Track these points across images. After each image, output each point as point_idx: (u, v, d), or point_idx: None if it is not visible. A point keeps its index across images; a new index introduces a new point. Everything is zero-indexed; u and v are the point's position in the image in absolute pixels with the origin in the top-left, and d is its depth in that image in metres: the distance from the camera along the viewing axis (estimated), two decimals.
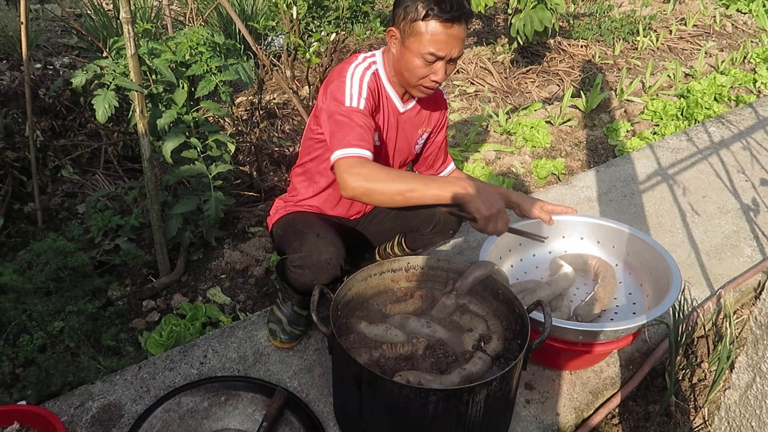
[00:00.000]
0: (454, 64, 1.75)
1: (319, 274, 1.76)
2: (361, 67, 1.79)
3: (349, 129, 1.67)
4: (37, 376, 1.95)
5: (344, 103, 1.71)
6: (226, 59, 2.41)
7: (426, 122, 2.01)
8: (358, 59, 1.83)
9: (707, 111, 4.13)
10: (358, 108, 1.71)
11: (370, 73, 1.79)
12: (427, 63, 1.69)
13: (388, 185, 1.59)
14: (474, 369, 1.54)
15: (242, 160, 3.42)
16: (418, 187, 1.60)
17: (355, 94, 1.73)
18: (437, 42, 1.65)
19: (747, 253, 2.61)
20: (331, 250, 1.76)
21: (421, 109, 1.97)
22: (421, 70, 1.71)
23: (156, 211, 2.39)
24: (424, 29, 1.64)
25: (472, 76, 4.84)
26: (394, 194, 1.60)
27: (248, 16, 4.88)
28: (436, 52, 1.67)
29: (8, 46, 4.63)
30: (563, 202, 2.99)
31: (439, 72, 1.71)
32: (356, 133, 1.67)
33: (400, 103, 1.90)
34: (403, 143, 1.99)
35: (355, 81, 1.75)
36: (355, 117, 1.69)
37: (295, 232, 1.86)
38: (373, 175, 1.59)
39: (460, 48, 1.70)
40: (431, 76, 1.73)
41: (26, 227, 2.88)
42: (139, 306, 2.45)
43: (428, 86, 1.76)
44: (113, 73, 2.15)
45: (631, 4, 6.98)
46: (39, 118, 3.37)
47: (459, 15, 1.64)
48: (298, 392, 1.87)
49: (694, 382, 2.07)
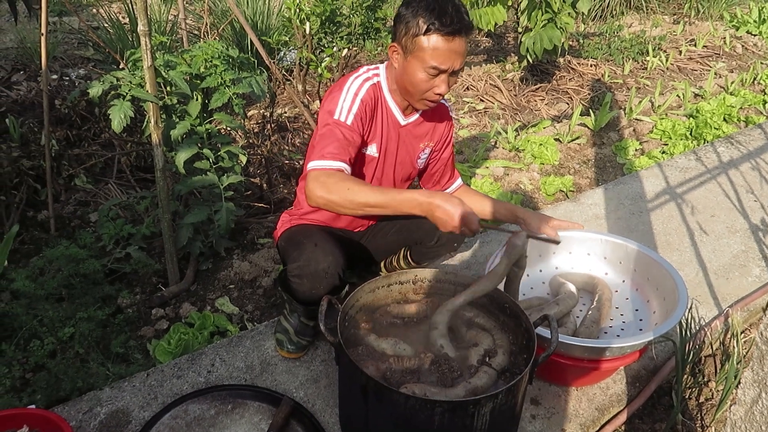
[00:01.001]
0: (456, 77, 1.78)
1: (317, 283, 1.78)
2: (360, 79, 1.82)
3: (329, 141, 1.70)
4: (46, 381, 1.97)
5: (333, 116, 1.74)
6: (240, 72, 2.45)
7: (429, 136, 2.03)
8: (360, 71, 1.86)
9: (716, 131, 4.14)
10: (345, 122, 1.74)
11: (368, 85, 1.82)
12: (430, 77, 1.72)
13: (350, 198, 1.57)
14: (479, 383, 1.54)
15: (253, 171, 3.45)
16: (377, 202, 1.58)
17: (345, 108, 1.75)
18: (439, 56, 1.68)
19: (755, 273, 2.61)
20: (328, 260, 1.77)
21: (424, 122, 1.99)
22: (424, 84, 1.74)
23: (167, 220, 2.42)
24: (426, 44, 1.67)
25: (482, 93, 4.88)
26: (354, 207, 1.59)
27: (262, 31, 4.95)
28: (438, 65, 1.69)
29: (26, 58, 4.72)
30: (571, 218, 2.99)
31: (442, 85, 1.74)
32: (334, 145, 1.69)
33: (401, 116, 1.92)
34: (404, 156, 2.00)
35: (350, 94, 1.78)
36: (339, 130, 1.72)
37: (294, 243, 1.89)
38: (336, 188, 1.59)
39: (461, 60, 1.72)
40: (435, 89, 1.75)
41: (39, 234, 2.92)
42: (149, 314, 2.47)
43: (432, 99, 1.79)
44: (129, 84, 2.19)
45: (640, 24, 7.02)
46: (55, 128, 3.42)
47: (459, 28, 1.66)
48: (305, 402, 1.88)
49: (701, 401, 2.06)
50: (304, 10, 3.54)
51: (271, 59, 4.14)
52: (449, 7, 1.66)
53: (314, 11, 3.45)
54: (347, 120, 1.75)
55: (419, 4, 1.68)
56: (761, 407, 1.06)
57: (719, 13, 7.40)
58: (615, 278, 2.13)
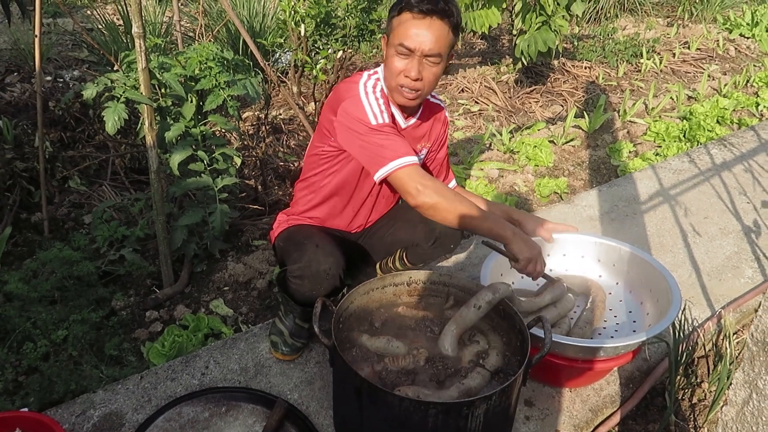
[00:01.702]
0: (432, 65, 1.73)
1: (318, 284, 1.78)
2: (370, 84, 1.82)
3: (391, 142, 1.72)
4: (39, 384, 1.96)
5: (370, 122, 1.74)
6: (235, 74, 2.45)
7: (426, 137, 2.03)
8: (364, 77, 1.85)
9: (710, 133, 4.16)
10: (386, 122, 1.75)
11: (379, 89, 1.82)
12: (401, 58, 1.71)
13: (455, 206, 1.68)
14: (472, 384, 1.55)
15: (248, 173, 3.45)
16: (477, 216, 1.69)
17: (377, 111, 1.76)
18: (407, 34, 1.67)
19: (748, 275, 2.62)
20: (330, 261, 1.77)
21: (421, 125, 1.99)
22: (395, 66, 1.72)
23: (161, 222, 2.42)
24: (398, 22, 1.69)
25: (477, 95, 4.89)
26: (457, 215, 1.68)
27: (257, 33, 4.95)
28: (405, 42, 1.67)
29: (20, 59, 4.70)
30: (565, 220, 3.00)
31: (412, 70, 1.70)
32: (401, 143, 1.72)
33: (401, 119, 1.92)
34: None
35: (371, 98, 1.78)
36: (389, 131, 1.74)
37: (295, 244, 1.88)
38: (441, 192, 1.68)
39: (432, 45, 1.68)
40: (404, 72, 1.72)
41: (33, 236, 2.91)
42: (143, 316, 2.46)
43: (404, 85, 1.75)
44: (124, 86, 2.19)
45: (634, 27, 7.05)
46: (48, 130, 3.42)
47: (431, 9, 1.65)
48: (299, 404, 1.88)
49: (694, 402, 2.07)
50: (299, 12, 3.54)
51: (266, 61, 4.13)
52: None
53: (309, 13, 3.45)
54: (385, 119, 1.76)
55: None
56: (752, 408, 1.07)
57: (712, 16, 7.45)
58: (609, 280, 2.14)
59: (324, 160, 1.95)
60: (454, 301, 1.83)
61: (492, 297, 1.68)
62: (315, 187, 2.02)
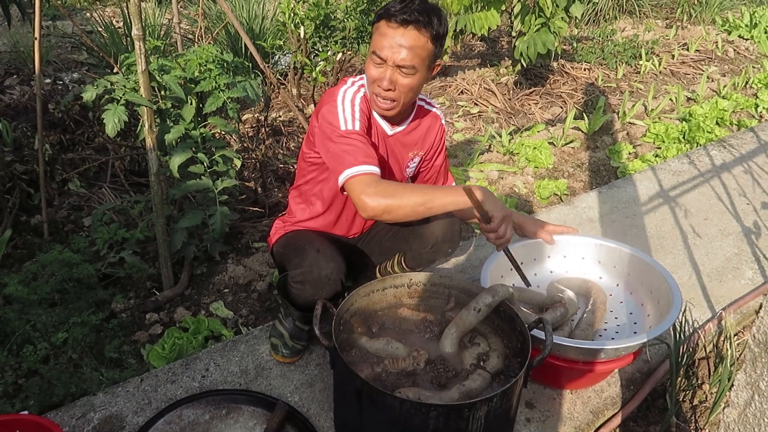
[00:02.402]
0: (406, 78, 1.69)
1: (320, 289, 1.77)
2: (351, 90, 1.80)
3: (353, 149, 1.68)
4: (39, 387, 1.96)
5: (340, 127, 1.72)
6: (234, 76, 2.45)
7: (419, 145, 2.00)
8: (347, 83, 1.84)
9: (709, 135, 4.16)
10: (354, 129, 1.72)
11: (360, 95, 1.80)
12: (375, 66, 1.69)
13: (406, 199, 1.59)
14: (473, 385, 1.54)
15: (247, 176, 3.45)
16: (436, 195, 1.61)
17: (349, 117, 1.74)
18: (381, 43, 1.65)
19: (748, 276, 2.62)
20: (331, 265, 1.77)
21: (413, 131, 1.96)
22: (370, 74, 1.71)
23: (161, 224, 2.42)
24: (375, 29, 1.68)
25: (476, 97, 4.89)
26: (414, 206, 1.60)
27: (256, 35, 4.96)
28: (378, 51, 1.66)
29: (19, 62, 4.70)
30: (565, 222, 3.00)
31: (384, 80, 1.68)
32: (362, 151, 1.68)
33: (387, 126, 1.90)
34: (394, 166, 1.99)
35: (347, 104, 1.76)
36: (355, 138, 1.70)
37: (295, 249, 1.87)
38: (389, 191, 1.60)
39: (405, 56, 1.64)
40: (377, 82, 1.70)
41: (32, 239, 2.91)
42: (143, 319, 2.46)
43: (378, 94, 1.73)
44: (123, 89, 2.19)
45: (633, 29, 7.06)
46: (48, 132, 3.41)
47: (408, 20, 1.61)
48: (299, 407, 1.87)
49: (695, 404, 2.07)
50: (299, 14, 3.55)
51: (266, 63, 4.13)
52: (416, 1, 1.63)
53: (308, 15, 3.45)
54: (355, 126, 1.72)
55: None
56: (754, 409, 1.07)
57: (711, 18, 7.46)
58: (609, 282, 2.14)
59: (312, 167, 1.95)
60: (455, 302, 1.83)
61: (492, 299, 1.68)
62: (307, 196, 2.02)
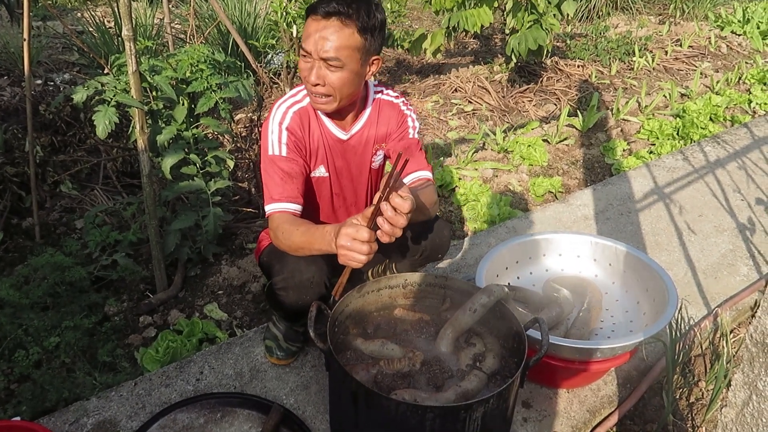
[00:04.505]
0: (335, 72, 1.64)
1: (304, 293, 1.76)
2: (284, 107, 1.79)
3: (270, 181, 1.73)
4: (32, 392, 1.94)
5: (268, 151, 1.75)
6: (227, 76, 2.43)
7: (382, 139, 1.95)
8: (287, 95, 1.83)
9: (703, 131, 4.17)
10: (280, 155, 1.74)
11: (293, 111, 1.78)
12: (304, 60, 1.66)
13: (289, 243, 1.65)
14: (470, 386, 1.53)
15: (241, 176, 3.43)
16: (305, 245, 1.61)
17: (275, 141, 1.75)
18: (306, 36, 1.63)
19: (743, 272, 2.62)
20: (312, 269, 1.75)
21: (370, 128, 1.91)
22: (300, 68, 1.69)
23: (154, 226, 2.40)
24: (304, 23, 1.66)
25: (470, 95, 4.88)
26: (296, 250, 1.65)
27: (248, 34, 4.93)
28: (303, 44, 1.64)
29: (9, 63, 4.66)
30: (560, 220, 3.00)
31: (311, 75, 1.65)
32: (276, 185, 1.72)
33: (340, 132, 1.86)
34: (359, 166, 1.96)
35: (275, 126, 1.77)
36: (275, 166, 1.73)
37: (276, 256, 1.84)
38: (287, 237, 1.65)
39: (329, 49, 1.60)
40: (306, 78, 1.67)
41: (24, 242, 2.88)
42: (136, 321, 2.44)
43: (311, 91, 1.70)
44: (114, 90, 2.17)
45: (627, 25, 7.06)
46: (39, 134, 3.38)
47: (330, 12, 1.58)
48: (295, 409, 1.86)
49: (692, 401, 2.07)
50: (291, 12, 3.53)
51: (258, 62, 4.11)
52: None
53: (300, 14, 3.43)
54: (281, 151, 1.75)
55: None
56: (752, 409, 1.06)
57: (704, 14, 7.47)
58: (605, 280, 2.13)
59: None
60: (451, 302, 1.82)
61: (487, 300, 1.67)
62: None
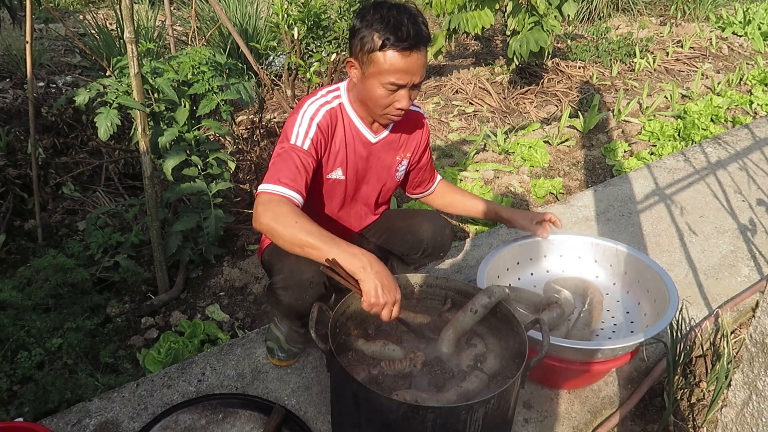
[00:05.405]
0: (417, 89, 1.72)
1: (303, 293, 1.75)
2: (316, 104, 1.78)
3: (284, 165, 1.67)
4: (34, 393, 1.95)
5: (290, 139, 1.72)
6: (228, 78, 2.44)
7: (404, 147, 1.99)
8: (317, 95, 1.82)
9: (704, 132, 4.17)
10: (301, 147, 1.71)
11: (325, 110, 1.77)
12: (389, 92, 1.67)
13: (291, 233, 1.52)
14: (471, 387, 1.54)
15: (242, 178, 3.44)
16: (319, 245, 1.50)
17: (302, 133, 1.72)
18: (397, 72, 1.62)
19: (744, 273, 2.62)
20: (312, 269, 1.73)
21: (397, 135, 1.94)
22: (383, 99, 1.69)
23: (156, 228, 2.41)
24: (383, 60, 1.61)
25: (471, 97, 4.89)
26: (293, 244, 1.53)
27: (249, 36, 4.94)
28: (396, 81, 1.64)
29: (12, 65, 4.68)
30: (561, 221, 2.99)
31: (403, 100, 1.68)
32: (289, 171, 1.65)
33: (370, 134, 1.87)
34: (380, 172, 1.97)
35: (305, 119, 1.74)
36: (295, 154, 1.69)
37: (277, 255, 1.84)
38: (281, 219, 1.54)
39: (421, 74, 1.67)
40: (395, 104, 1.70)
41: (26, 244, 2.89)
42: (138, 323, 2.45)
43: (393, 114, 1.74)
44: (116, 92, 2.18)
45: (628, 26, 7.07)
46: (41, 136, 3.39)
47: (416, 42, 1.60)
48: (296, 410, 1.86)
49: (693, 402, 2.07)
50: (292, 15, 3.53)
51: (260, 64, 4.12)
52: (405, 18, 1.59)
53: (300, 17, 3.44)
54: (304, 144, 1.71)
55: (374, 17, 1.60)
56: (752, 409, 1.07)
57: (705, 15, 7.48)
58: (606, 281, 2.14)
59: None
60: (452, 303, 1.82)
61: (488, 301, 1.67)
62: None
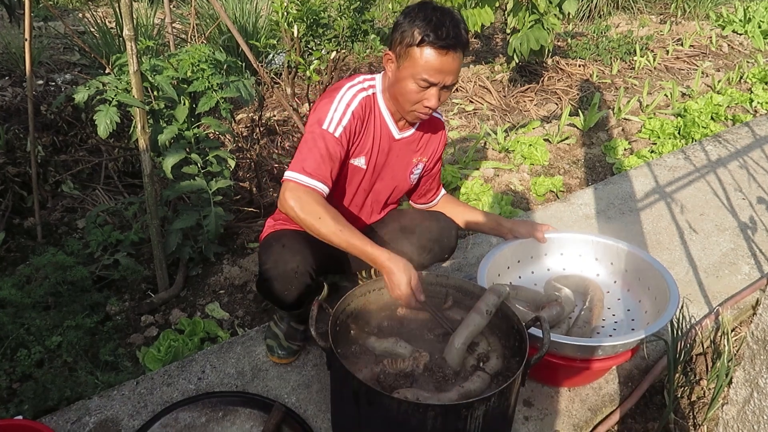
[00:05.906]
0: (448, 91, 1.74)
1: (288, 283, 1.76)
2: (353, 90, 1.79)
3: (311, 153, 1.68)
4: (34, 391, 1.94)
5: (322, 125, 1.72)
6: (228, 76, 2.43)
7: (422, 151, 2.00)
8: (355, 81, 1.82)
9: (704, 130, 4.16)
10: (333, 134, 1.71)
11: (361, 97, 1.78)
12: (421, 88, 1.69)
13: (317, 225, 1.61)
14: (473, 387, 1.53)
15: (242, 176, 3.43)
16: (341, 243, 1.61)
17: (336, 118, 1.73)
18: (431, 69, 1.65)
19: (745, 271, 2.62)
20: (297, 259, 1.75)
21: (419, 136, 1.96)
22: (414, 95, 1.70)
23: (156, 226, 2.40)
24: (419, 55, 1.64)
25: (471, 95, 4.88)
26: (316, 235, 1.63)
27: (249, 34, 4.93)
28: (429, 78, 1.66)
29: (11, 63, 4.67)
30: (561, 219, 3.00)
31: (432, 98, 1.70)
32: (316, 160, 1.67)
33: (395, 129, 1.88)
34: (396, 170, 1.97)
35: (342, 104, 1.75)
36: (324, 143, 1.70)
37: (264, 246, 1.86)
38: (309, 208, 1.62)
39: (454, 77, 1.69)
40: (424, 102, 1.71)
41: (26, 242, 2.89)
42: (138, 321, 2.44)
43: (422, 112, 1.75)
44: (115, 90, 2.17)
45: (628, 24, 7.06)
46: (40, 134, 3.39)
47: (455, 43, 1.63)
48: (296, 408, 1.86)
49: (693, 400, 2.07)
50: (292, 12, 3.52)
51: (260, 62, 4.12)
52: (447, 20, 1.63)
53: (300, 16, 3.43)
54: (335, 132, 1.72)
55: (417, 14, 1.64)
56: (753, 407, 1.06)
57: (705, 13, 7.47)
58: (607, 279, 2.14)
59: None
60: (453, 301, 1.82)
61: (497, 300, 1.67)
62: None
